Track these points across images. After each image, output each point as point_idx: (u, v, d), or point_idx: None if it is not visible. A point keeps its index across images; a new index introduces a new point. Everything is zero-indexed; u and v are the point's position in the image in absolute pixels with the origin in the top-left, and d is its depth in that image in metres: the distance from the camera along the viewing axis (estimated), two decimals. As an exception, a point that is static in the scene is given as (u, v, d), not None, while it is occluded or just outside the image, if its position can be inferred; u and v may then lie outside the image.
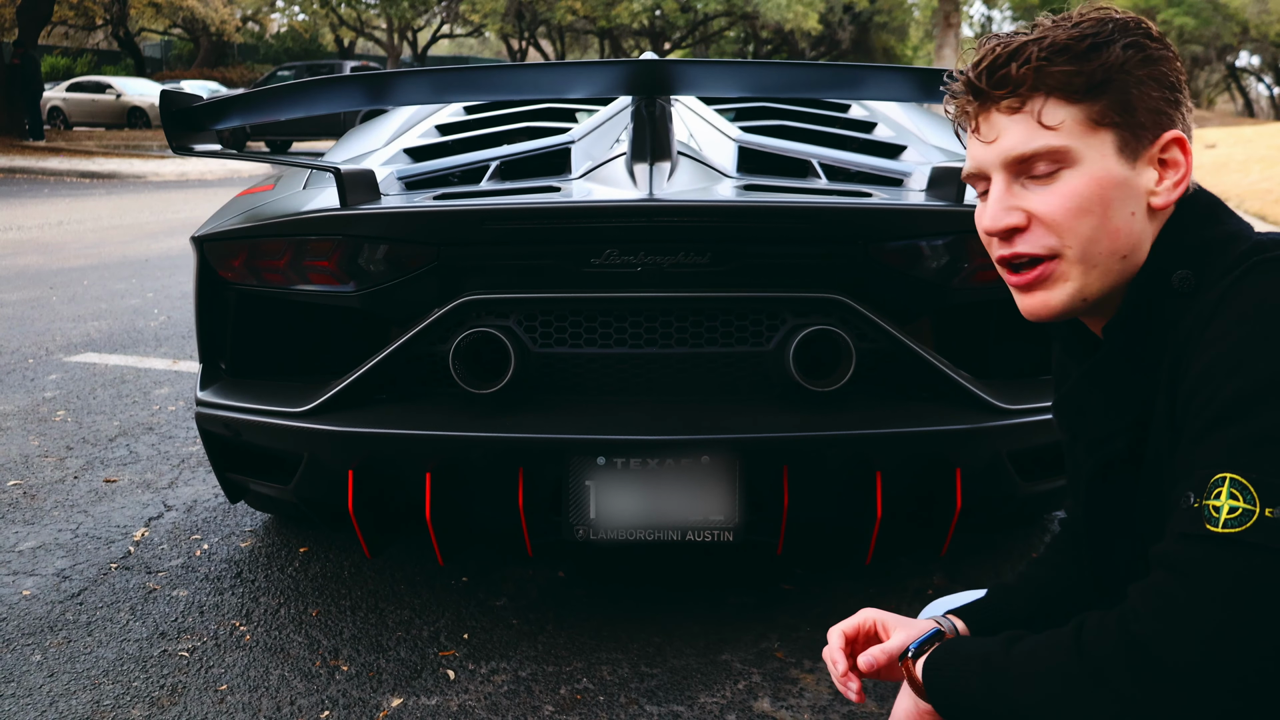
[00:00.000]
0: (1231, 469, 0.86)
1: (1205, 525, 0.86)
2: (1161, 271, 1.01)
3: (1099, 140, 1.00)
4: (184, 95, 2.10)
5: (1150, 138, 1.00)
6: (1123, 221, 1.00)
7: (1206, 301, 0.95)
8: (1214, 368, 0.90)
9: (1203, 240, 1.00)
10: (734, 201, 2.04)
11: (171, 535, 2.88)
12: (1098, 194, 1.00)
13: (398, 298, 2.10)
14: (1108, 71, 0.98)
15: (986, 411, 2.02)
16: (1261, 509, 0.84)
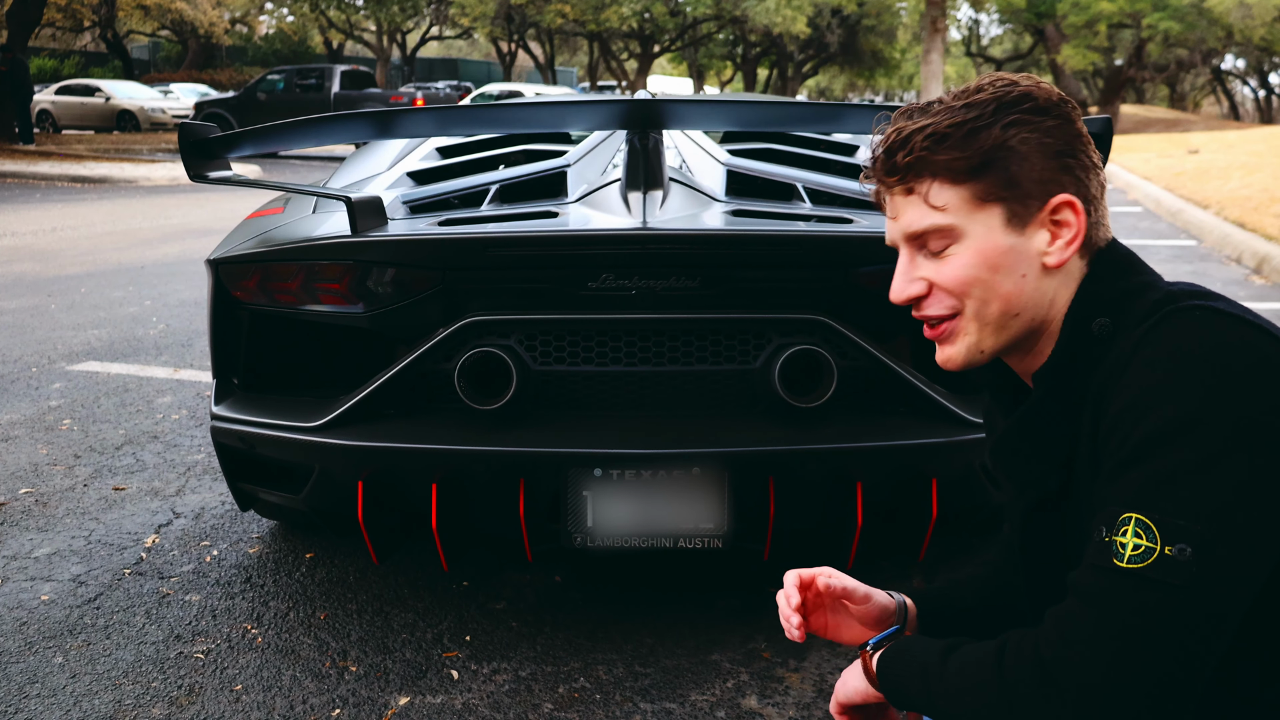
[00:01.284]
0: (1137, 509, 0.94)
1: (1112, 559, 0.94)
2: (1083, 320, 1.09)
3: (985, 215, 1.08)
4: (201, 126, 2.21)
5: (1038, 205, 1.08)
6: (1013, 285, 1.09)
7: (1123, 348, 1.03)
8: (1126, 411, 0.98)
9: (1120, 290, 1.09)
10: (723, 230, 2.17)
11: (181, 541, 2.99)
12: (986, 264, 1.09)
13: (405, 319, 2.22)
14: (987, 154, 1.07)
15: (960, 425, 2.15)
16: (1161, 547, 0.92)
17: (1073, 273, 1.12)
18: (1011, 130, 1.07)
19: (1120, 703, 0.92)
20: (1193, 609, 0.92)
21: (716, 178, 2.57)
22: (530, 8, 33.64)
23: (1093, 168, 1.11)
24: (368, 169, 2.91)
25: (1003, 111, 1.08)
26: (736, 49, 42.28)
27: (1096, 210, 1.11)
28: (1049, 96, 1.09)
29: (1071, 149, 1.09)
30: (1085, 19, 31.61)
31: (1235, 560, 0.93)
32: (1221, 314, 0.99)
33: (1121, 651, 0.93)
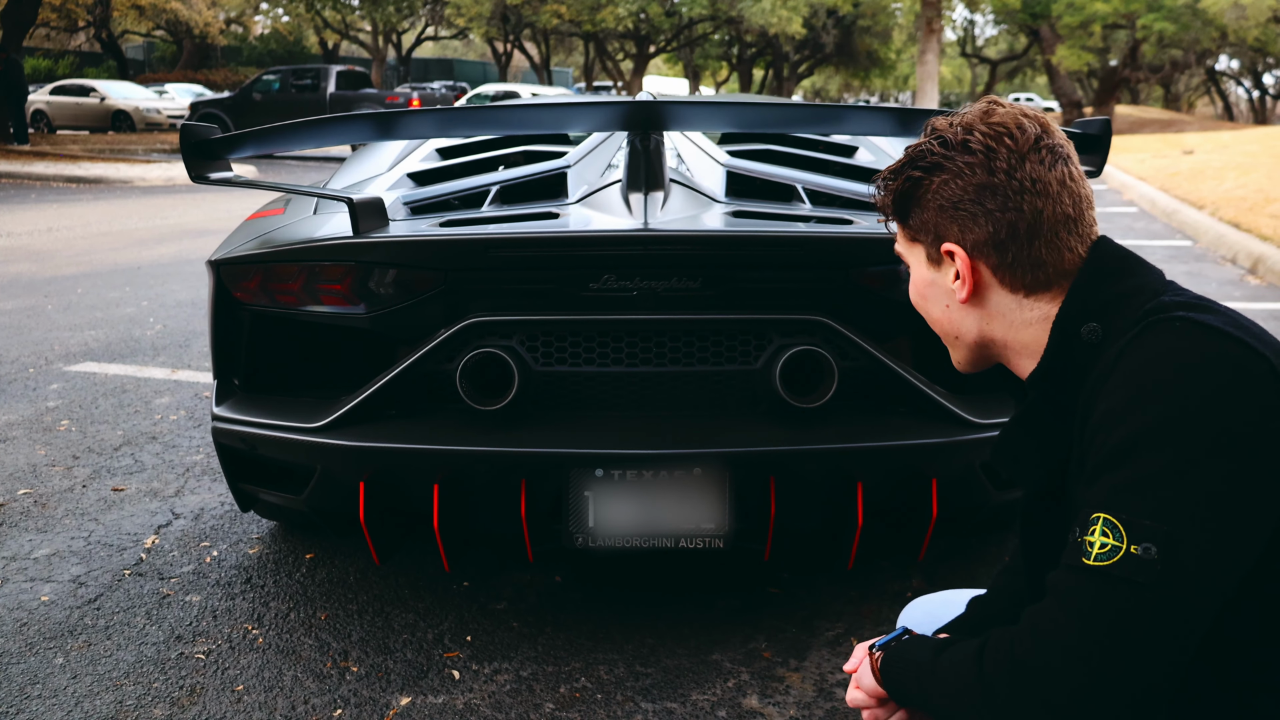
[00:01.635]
0: (1106, 510, 0.98)
1: (1082, 559, 0.98)
2: (1073, 325, 1.13)
3: (916, 251, 1.24)
4: (202, 128, 2.21)
5: (936, 248, 1.20)
6: (940, 313, 1.25)
7: (1109, 355, 1.07)
8: (1105, 418, 1.02)
9: (1111, 295, 1.12)
10: (723, 231, 2.17)
11: (181, 542, 2.99)
12: (917, 293, 1.27)
13: (407, 319, 2.22)
14: (901, 199, 1.22)
15: (960, 425, 2.16)
16: (1128, 546, 0.96)
17: (1004, 306, 1.19)
18: (908, 185, 1.19)
19: (1087, 697, 0.95)
20: (1157, 607, 0.95)
21: (716, 179, 2.58)
22: (526, 8, 33.64)
23: (1012, 204, 1.13)
24: (368, 170, 2.92)
25: (910, 165, 1.20)
26: (732, 49, 42.32)
27: (1009, 253, 1.15)
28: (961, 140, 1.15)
29: (967, 196, 1.15)
30: (1080, 19, 31.67)
31: (1201, 562, 0.95)
32: (1201, 326, 1.02)
33: (1087, 646, 0.96)
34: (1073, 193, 1.15)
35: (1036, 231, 1.14)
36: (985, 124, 1.15)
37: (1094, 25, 32.00)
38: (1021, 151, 1.13)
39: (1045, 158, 1.14)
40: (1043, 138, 1.15)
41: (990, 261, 1.16)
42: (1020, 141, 1.13)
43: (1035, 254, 1.15)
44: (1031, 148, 1.13)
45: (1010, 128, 1.14)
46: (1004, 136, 1.14)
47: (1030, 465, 1.21)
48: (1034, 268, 1.15)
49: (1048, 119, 1.18)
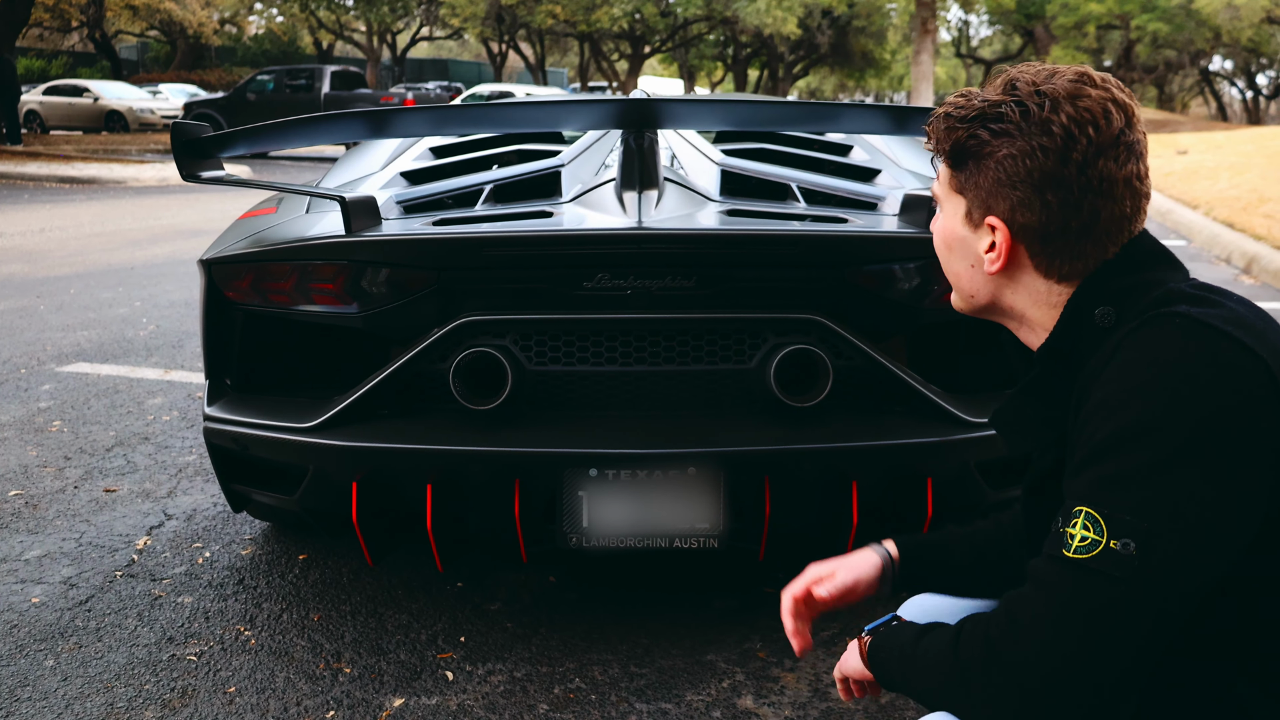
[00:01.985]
0: (1088, 503, 0.99)
1: (1062, 550, 0.99)
2: (1087, 306, 1.13)
3: (955, 202, 1.19)
4: (193, 126, 2.20)
5: (980, 215, 1.16)
6: (962, 269, 1.22)
7: (1111, 343, 1.06)
8: (1095, 410, 1.02)
9: (1131, 283, 1.11)
10: (718, 230, 2.16)
11: (173, 543, 2.97)
12: (945, 241, 1.23)
13: (399, 319, 2.21)
14: (959, 149, 1.15)
15: (955, 424, 2.16)
16: (1107, 540, 0.96)
17: (1032, 286, 1.17)
18: (972, 142, 1.14)
19: (1058, 685, 0.96)
20: (1132, 602, 0.96)
21: (711, 177, 2.57)
22: (521, 8, 33.62)
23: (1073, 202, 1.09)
24: (361, 169, 2.90)
25: (980, 120, 1.13)
26: (727, 50, 42.33)
27: (1053, 245, 1.13)
28: (1044, 119, 1.09)
29: (1030, 180, 1.10)
30: (1074, 20, 31.75)
31: (1178, 560, 0.96)
32: (1200, 324, 1.01)
33: (1061, 636, 0.97)
34: (1135, 193, 1.11)
35: (1088, 231, 1.11)
36: (1073, 106, 1.08)
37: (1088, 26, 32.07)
38: (1100, 146, 1.08)
39: (1121, 154, 1.09)
40: (1125, 132, 1.10)
41: (1033, 248, 1.14)
42: (1103, 135, 1.08)
43: (1080, 249, 1.13)
44: (1111, 143, 1.08)
45: (1097, 116, 1.08)
46: (1088, 125, 1.08)
47: (1028, 435, 1.22)
48: (1074, 259, 1.13)
49: (1135, 105, 1.13)
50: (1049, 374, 1.18)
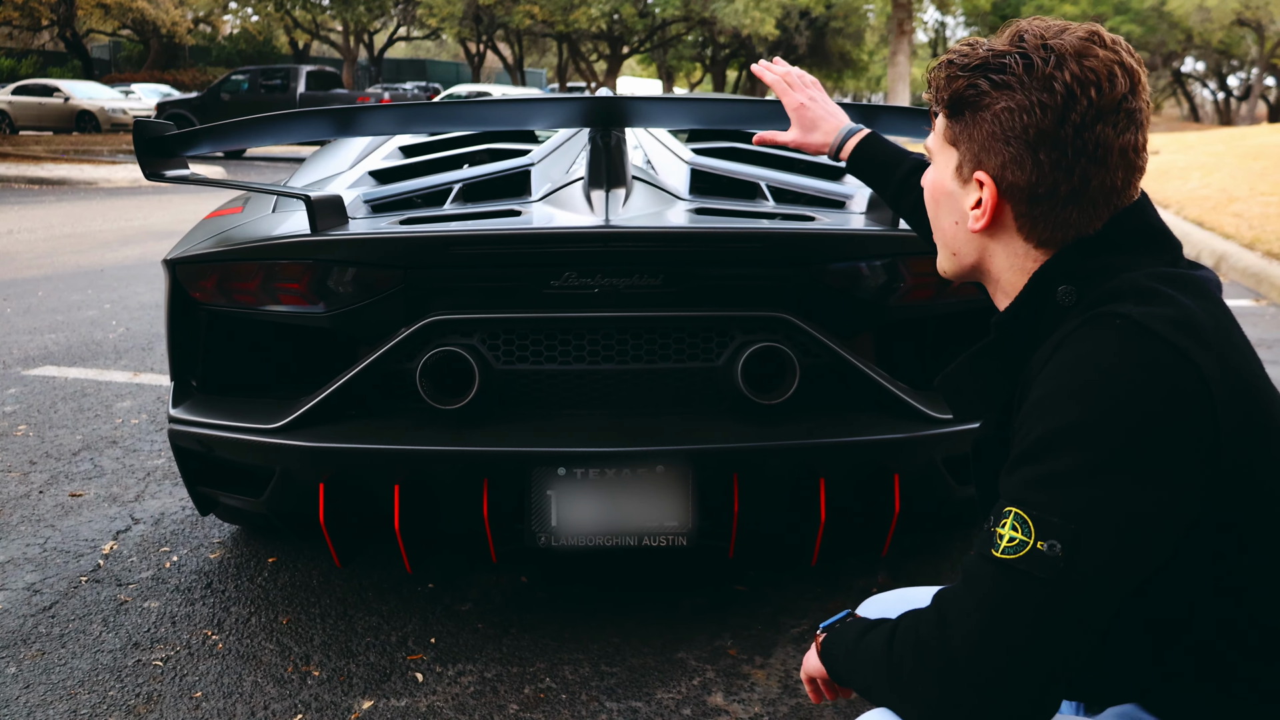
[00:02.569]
0: (1017, 504, 0.99)
1: (991, 549, 0.99)
2: (1051, 281, 1.11)
3: (947, 154, 1.17)
4: (157, 124, 2.18)
5: (970, 170, 1.13)
6: (948, 224, 1.20)
7: (1057, 336, 1.06)
8: (1033, 408, 1.02)
9: (1101, 264, 1.09)
10: (685, 228, 2.16)
11: (140, 548, 2.94)
12: (934, 194, 1.21)
13: (366, 318, 2.19)
14: (956, 99, 1.12)
15: (922, 421, 2.16)
16: (1034, 542, 0.96)
17: (1012, 247, 1.15)
18: (971, 91, 1.11)
19: (985, 681, 0.97)
20: (1057, 602, 0.96)
21: (680, 176, 2.57)
22: (499, 8, 33.54)
23: (1065, 165, 1.07)
24: (329, 168, 2.89)
25: (983, 69, 1.10)
26: (705, 50, 42.38)
27: (1040, 207, 1.10)
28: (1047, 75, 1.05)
29: (1025, 136, 1.07)
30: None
31: (1103, 562, 0.96)
32: (1139, 327, 1.00)
33: (986, 633, 0.98)
34: (1130, 164, 1.09)
35: (1076, 198, 1.08)
36: (1078, 64, 1.05)
37: (1062, 27, 32.28)
38: (1101, 109, 1.05)
39: (1120, 121, 1.06)
40: (1128, 98, 1.06)
41: (1019, 208, 1.11)
42: (1105, 98, 1.05)
43: (1065, 215, 1.10)
44: (1112, 108, 1.05)
45: (1101, 78, 1.05)
46: (1090, 87, 1.05)
47: (970, 401, 1.22)
48: (1057, 226, 1.11)
49: (1143, 72, 1.09)
50: (1002, 343, 1.17)
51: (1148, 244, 1.12)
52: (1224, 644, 1.08)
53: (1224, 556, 1.04)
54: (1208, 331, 1.02)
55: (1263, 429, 1.02)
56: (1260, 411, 1.02)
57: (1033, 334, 1.13)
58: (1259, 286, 6.62)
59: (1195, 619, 1.08)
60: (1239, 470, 1.00)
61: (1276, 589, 1.05)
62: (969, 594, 1.00)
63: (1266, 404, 1.04)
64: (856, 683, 1.14)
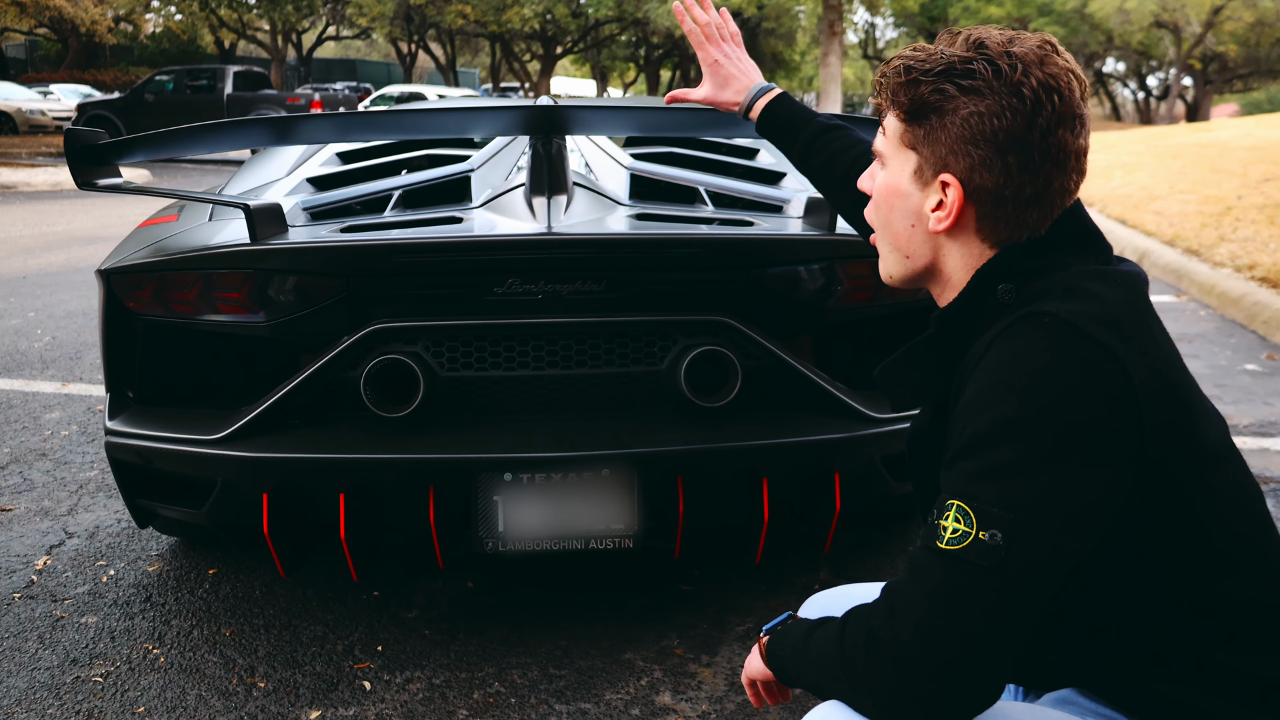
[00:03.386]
0: (959, 496, 1.04)
1: (936, 541, 1.04)
2: (988, 280, 1.17)
3: (905, 157, 1.19)
4: (88, 133, 2.15)
5: (933, 172, 1.16)
6: (902, 228, 1.22)
7: (989, 335, 1.12)
8: (970, 403, 1.08)
9: (1040, 264, 1.15)
10: (626, 234, 2.19)
11: (75, 562, 2.89)
12: (888, 198, 1.22)
13: (308, 327, 2.18)
14: (918, 103, 1.15)
15: (861, 421, 2.21)
16: (977, 532, 1.02)
17: (969, 247, 1.18)
18: (937, 96, 1.13)
19: (935, 670, 1.02)
20: (999, 588, 1.01)
21: (620, 182, 2.59)
22: (430, 8, 33.25)
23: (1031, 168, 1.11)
24: (266, 175, 2.86)
25: (948, 74, 1.13)
26: (639, 51, 42.46)
27: (1004, 209, 1.14)
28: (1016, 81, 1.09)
29: (995, 140, 1.10)
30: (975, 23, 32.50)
31: (1041, 549, 1.02)
32: (1067, 326, 1.06)
33: (935, 622, 1.02)
34: (1080, 169, 1.14)
35: (1037, 200, 1.13)
36: (1042, 70, 1.10)
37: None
38: (1062, 115, 1.10)
39: (1077, 126, 1.12)
40: (1081, 103, 1.12)
41: (982, 210, 1.15)
42: (1065, 104, 1.10)
43: (1024, 216, 1.14)
44: (1071, 114, 1.10)
45: (1062, 85, 1.10)
46: (1054, 93, 1.09)
47: (908, 393, 1.27)
48: (1016, 227, 1.15)
49: (1085, 80, 1.15)
50: (941, 337, 1.21)
51: (1083, 244, 1.18)
52: (1149, 621, 1.14)
53: (1147, 538, 1.11)
54: (1130, 327, 1.08)
55: (1181, 418, 1.09)
56: (1179, 402, 1.09)
57: (970, 329, 1.18)
58: (1179, 282, 6.84)
59: (1121, 598, 1.14)
60: (1161, 457, 1.06)
61: (1193, 567, 1.12)
62: (917, 585, 1.04)
63: (1185, 395, 1.10)
64: (806, 681, 1.17)
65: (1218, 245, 7.18)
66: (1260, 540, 1.14)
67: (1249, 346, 5.23)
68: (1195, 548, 1.11)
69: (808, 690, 1.18)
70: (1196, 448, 1.10)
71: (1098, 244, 1.18)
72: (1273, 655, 1.12)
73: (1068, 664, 1.22)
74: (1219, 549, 1.12)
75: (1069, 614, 1.17)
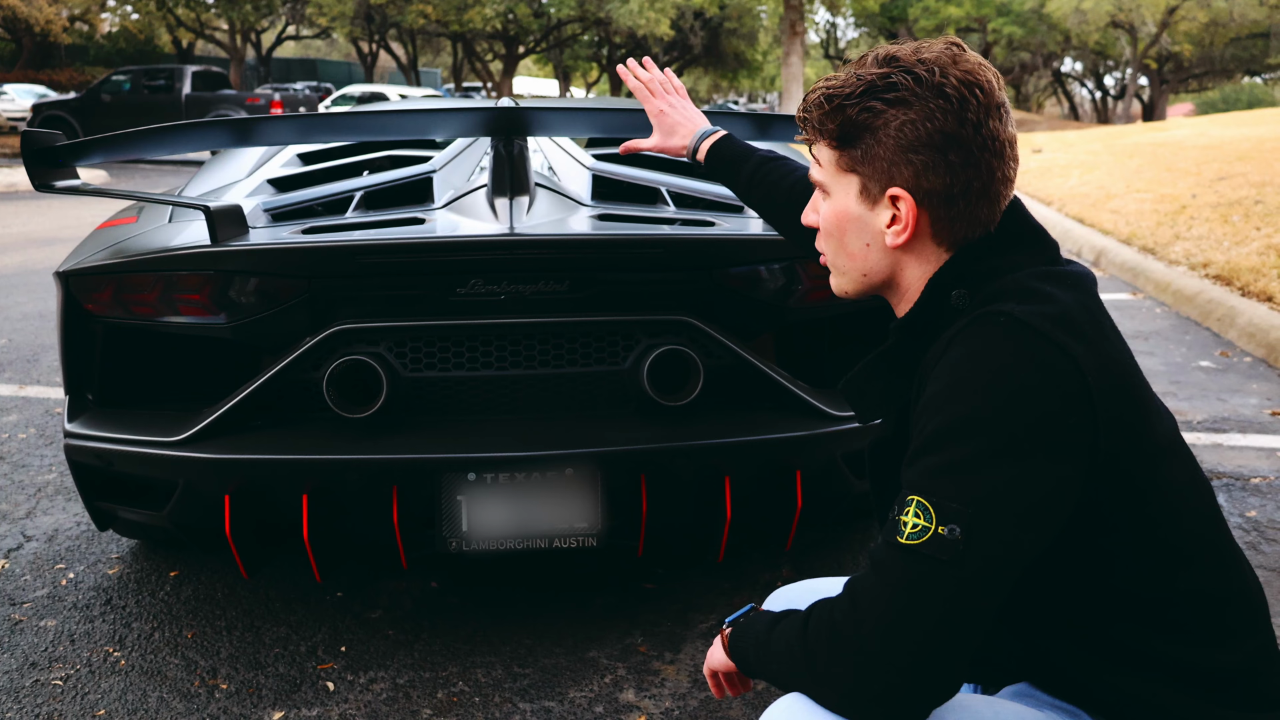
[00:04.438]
0: (919, 492, 1.07)
1: (897, 536, 1.07)
2: (942, 288, 1.19)
3: (846, 181, 1.21)
4: (45, 134, 2.13)
5: (879, 189, 1.18)
6: (858, 249, 1.23)
7: (946, 336, 1.14)
8: (929, 402, 1.10)
9: (986, 267, 1.18)
10: (589, 234, 2.20)
11: (34, 565, 2.86)
12: (838, 224, 1.24)
13: (270, 328, 2.18)
14: (847, 127, 1.17)
15: (822, 419, 2.25)
16: (936, 527, 1.04)
17: (926, 255, 1.21)
18: (866, 115, 1.16)
19: (895, 663, 1.04)
20: (958, 581, 1.04)
21: (582, 182, 2.61)
22: (391, 7, 33.04)
23: (973, 161, 1.14)
24: (226, 176, 2.84)
25: (871, 93, 1.15)
26: (602, 51, 42.44)
27: (956, 207, 1.16)
28: (937, 83, 1.13)
29: (933, 142, 1.13)
30: (935, 23, 32.94)
31: (998, 543, 1.04)
32: (1021, 325, 1.09)
33: (896, 615, 1.05)
34: (1014, 157, 1.17)
35: (985, 191, 1.15)
36: (958, 69, 1.13)
37: (948, 29, 33.33)
38: (988, 106, 1.13)
39: (1004, 116, 1.15)
40: (1001, 93, 1.15)
41: (936, 213, 1.17)
42: (988, 95, 1.14)
43: (976, 212, 1.17)
44: (996, 105, 1.14)
45: (980, 79, 1.13)
46: (975, 88, 1.13)
47: (872, 404, 1.30)
48: (969, 225, 1.18)
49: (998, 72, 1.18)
50: (900, 347, 1.25)
51: (1030, 243, 1.21)
52: (1098, 614, 1.17)
53: (1099, 533, 1.14)
54: (1083, 325, 1.11)
55: (1131, 414, 1.12)
56: (1130, 399, 1.12)
57: (928, 336, 1.20)
58: (1135, 280, 6.96)
59: (1074, 592, 1.17)
60: (1114, 453, 1.09)
61: (1145, 561, 1.15)
62: (878, 580, 1.06)
63: (1136, 392, 1.14)
64: (769, 673, 1.19)
65: (1173, 243, 7.31)
66: (1208, 534, 1.18)
67: (1203, 343, 5.34)
68: (1146, 542, 1.14)
69: (769, 682, 1.20)
70: (1147, 444, 1.13)
71: (1044, 243, 1.22)
72: (1220, 646, 1.15)
73: (1022, 659, 1.24)
74: (1170, 543, 1.15)
75: (1023, 609, 1.20)
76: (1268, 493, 3.32)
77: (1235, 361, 4.97)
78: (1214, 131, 15.72)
